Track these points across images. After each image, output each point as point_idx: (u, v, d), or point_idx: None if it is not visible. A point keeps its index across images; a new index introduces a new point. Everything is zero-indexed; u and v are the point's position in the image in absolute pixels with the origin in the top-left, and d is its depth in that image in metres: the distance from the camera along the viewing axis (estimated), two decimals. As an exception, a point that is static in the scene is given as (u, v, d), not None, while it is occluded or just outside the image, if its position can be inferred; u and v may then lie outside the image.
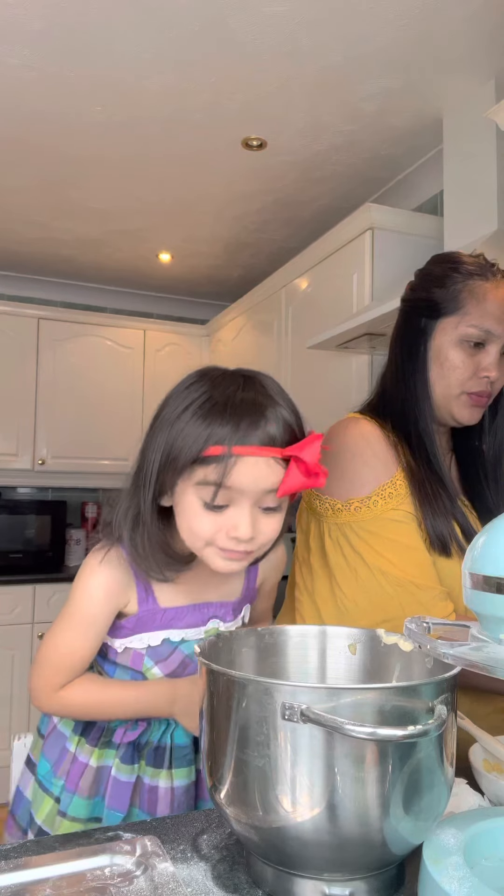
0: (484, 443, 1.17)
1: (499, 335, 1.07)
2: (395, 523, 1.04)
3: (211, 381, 0.83)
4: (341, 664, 0.80)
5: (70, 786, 0.95)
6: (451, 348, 1.08)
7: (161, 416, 0.85)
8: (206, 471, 0.79)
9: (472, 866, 0.58)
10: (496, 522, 0.63)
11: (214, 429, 0.78)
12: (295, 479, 0.81)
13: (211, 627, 0.97)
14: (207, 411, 0.79)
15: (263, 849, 0.61)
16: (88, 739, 0.96)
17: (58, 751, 0.98)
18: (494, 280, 1.09)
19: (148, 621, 0.93)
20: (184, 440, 0.80)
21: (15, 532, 3.52)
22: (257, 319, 3.28)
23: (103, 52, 1.98)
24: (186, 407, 0.81)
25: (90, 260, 3.67)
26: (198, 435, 0.79)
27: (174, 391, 0.86)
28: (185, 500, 0.83)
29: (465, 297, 1.08)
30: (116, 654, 0.96)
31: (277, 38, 1.90)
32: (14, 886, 0.61)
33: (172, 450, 0.81)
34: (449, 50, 1.96)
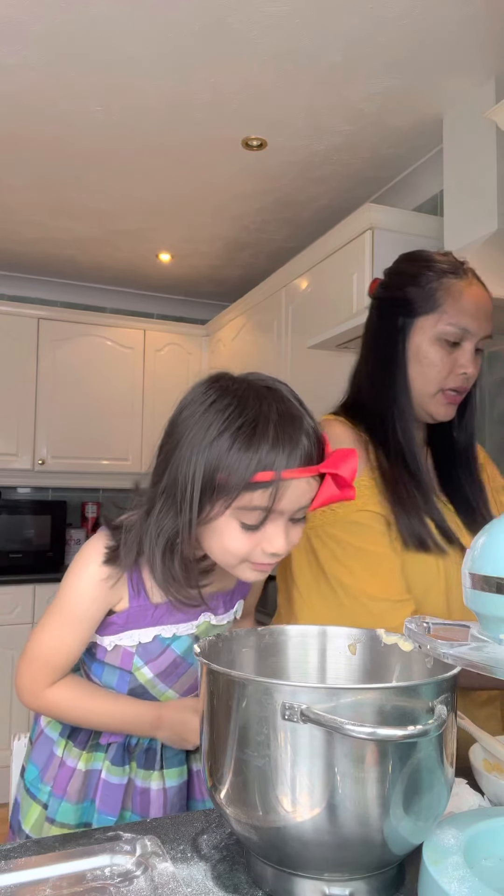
0: (456, 436, 1.19)
1: (475, 332, 1.09)
2: (360, 526, 1.04)
3: (238, 398, 0.80)
4: (341, 664, 0.80)
5: (58, 791, 0.94)
6: (430, 346, 1.09)
7: (189, 436, 0.81)
8: (253, 496, 0.78)
9: (472, 866, 0.58)
10: (496, 523, 0.63)
11: (262, 455, 0.77)
12: (329, 492, 0.81)
13: (203, 622, 0.96)
14: (250, 435, 0.77)
15: (263, 849, 0.61)
16: (76, 743, 0.96)
17: (45, 756, 0.98)
18: (467, 278, 1.11)
19: (139, 618, 0.92)
20: (230, 466, 0.77)
21: (15, 532, 3.52)
22: (257, 319, 3.28)
23: (103, 52, 1.98)
24: (223, 429, 0.78)
25: (90, 260, 3.67)
26: (247, 461, 0.76)
27: (194, 407, 0.82)
28: (223, 522, 0.81)
29: (442, 295, 1.09)
30: (105, 652, 0.94)
31: (277, 38, 1.90)
32: (14, 886, 0.61)
33: (217, 475, 0.78)
34: (449, 50, 1.96)
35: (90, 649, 0.96)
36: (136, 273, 3.85)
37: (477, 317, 1.09)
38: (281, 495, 0.78)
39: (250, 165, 2.61)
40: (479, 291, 1.11)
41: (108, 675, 0.96)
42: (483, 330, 1.09)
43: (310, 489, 0.81)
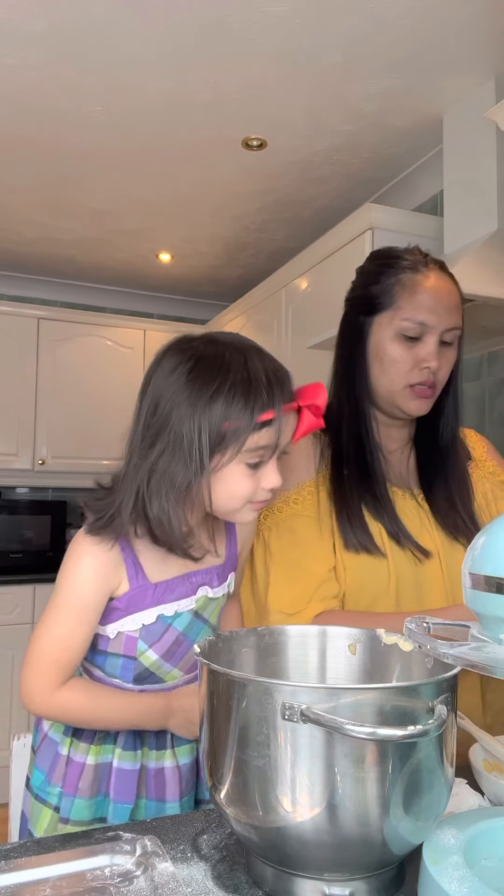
0: (440, 430, 1.18)
1: (434, 325, 1.07)
2: (292, 533, 1.07)
3: (221, 356, 0.87)
4: (341, 664, 0.80)
5: (69, 790, 0.94)
6: (389, 343, 1.09)
7: (184, 397, 0.86)
8: (259, 437, 0.85)
9: (472, 866, 0.58)
10: (496, 523, 0.63)
11: (263, 398, 0.84)
12: (309, 421, 0.90)
13: (201, 596, 0.96)
14: (247, 384, 0.84)
15: (263, 849, 0.61)
16: (82, 738, 0.95)
17: (50, 758, 0.97)
18: (425, 272, 1.10)
19: (140, 599, 0.92)
20: (235, 416, 0.84)
21: (15, 532, 3.52)
22: (257, 319, 3.28)
23: (103, 52, 1.98)
24: (220, 384, 0.84)
25: (90, 260, 3.67)
26: (250, 407, 0.84)
27: (179, 372, 0.87)
28: (230, 468, 0.87)
29: (398, 291, 1.09)
30: (108, 641, 0.94)
31: (277, 38, 1.90)
32: (14, 886, 0.61)
33: (223, 426, 0.84)
34: (449, 50, 1.96)
35: (92, 641, 0.96)
36: (136, 273, 3.85)
37: (435, 310, 1.07)
38: (282, 431, 0.87)
39: (250, 165, 2.61)
40: (438, 284, 1.09)
41: (112, 665, 0.95)
42: (444, 323, 1.07)
43: (294, 423, 0.90)
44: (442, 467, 1.17)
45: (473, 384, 2.41)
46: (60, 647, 0.91)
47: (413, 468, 1.19)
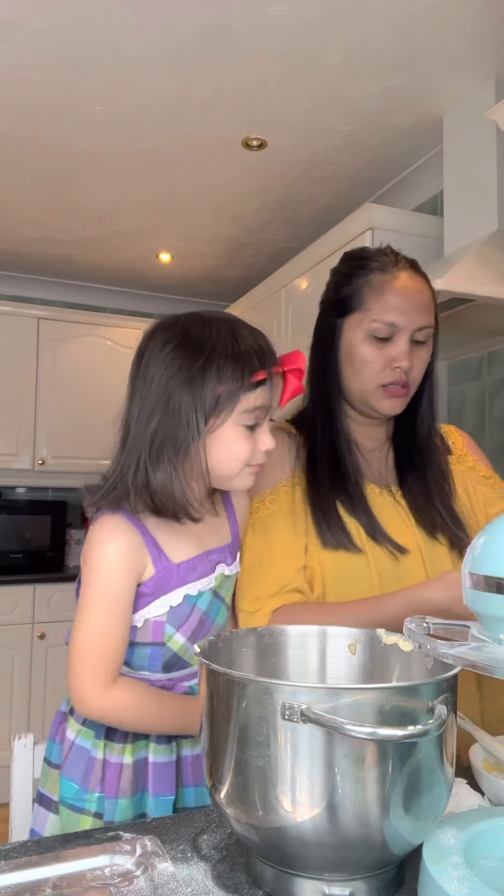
0: (417, 429, 1.19)
1: (403, 326, 1.08)
2: (265, 531, 1.09)
3: (211, 325, 0.92)
4: (341, 664, 0.80)
5: (110, 793, 0.92)
6: (359, 344, 1.10)
7: (175, 368, 0.90)
8: (253, 397, 0.90)
9: (472, 866, 0.58)
10: (496, 523, 0.63)
11: (252, 360, 0.90)
12: (292, 386, 0.96)
13: (219, 574, 0.99)
14: (240, 348, 0.90)
15: (263, 849, 0.61)
16: (116, 739, 0.94)
17: (82, 766, 0.94)
18: (394, 272, 1.10)
19: (165, 581, 0.93)
20: (228, 377, 0.89)
21: (15, 532, 3.52)
22: (257, 319, 3.27)
23: (103, 52, 1.98)
24: (210, 351, 0.90)
25: (90, 260, 3.67)
26: (240, 368, 0.89)
27: (170, 346, 0.91)
28: (228, 431, 0.91)
29: (367, 292, 1.10)
30: (135, 632, 0.93)
31: (277, 38, 1.90)
32: (14, 886, 0.61)
33: (217, 388, 0.89)
34: (449, 50, 1.96)
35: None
36: (136, 273, 3.85)
37: (404, 310, 1.07)
38: (273, 392, 0.92)
39: (250, 165, 2.61)
40: (407, 284, 1.09)
41: (139, 657, 0.95)
42: (414, 322, 1.08)
43: (280, 388, 0.95)
44: (420, 464, 1.17)
45: (473, 384, 2.41)
46: (101, 642, 0.90)
47: (392, 466, 1.20)
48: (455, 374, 2.50)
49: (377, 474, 1.18)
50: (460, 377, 2.47)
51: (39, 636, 3.28)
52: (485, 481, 1.21)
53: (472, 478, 1.22)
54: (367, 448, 1.19)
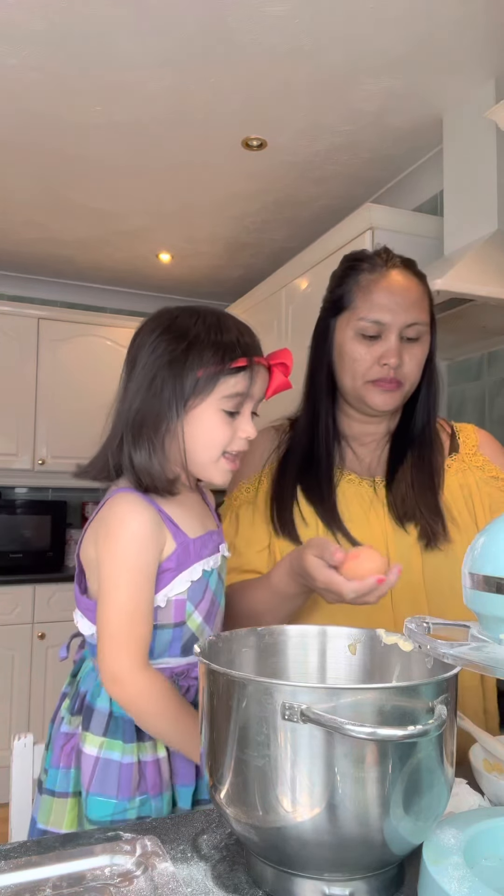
0: (412, 425, 1.20)
1: (390, 323, 1.10)
2: (237, 520, 1.17)
3: (197, 315, 0.96)
4: (341, 664, 0.80)
5: (154, 790, 0.91)
6: (349, 343, 1.13)
7: (164, 356, 0.94)
8: (234, 381, 0.93)
9: (472, 866, 0.58)
10: (496, 523, 0.63)
11: (235, 347, 0.93)
12: (278, 381, 0.98)
13: (221, 554, 1.02)
14: (223, 337, 0.93)
15: (263, 849, 0.61)
16: (146, 738, 0.92)
17: (114, 778, 0.90)
18: (382, 271, 1.13)
19: (185, 555, 0.94)
20: (210, 359, 0.92)
21: (15, 532, 3.51)
22: (257, 319, 3.27)
23: (103, 53, 1.98)
24: (195, 335, 0.93)
25: (90, 260, 3.67)
26: (221, 352, 0.92)
27: (157, 332, 0.95)
28: (206, 416, 0.94)
29: (355, 291, 1.13)
30: (158, 612, 0.92)
31: (277, 38, 1.90)
32: (14, 886, 0.61)
33: (199, 369, 0.92)
34: (449, 50, 1.96)
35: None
36: (136, 273, 3.85)
37: (391, 308, 1.09)
38: (254, 381, 0.94)
39: (250, 165, 2.61)
40: (395, 282, 1.11)
41: (161, 641, 0.93)
42: (402, 319, 1.10)
43: (266, 380, 0.98)
44: (409, 458, 1.18)
45: (473, 384, 2.41)
46: (130, 619, 0.88)
47: (385, 460, 1.21)
48: (455, 374, 2.50)
49: (366, 467, 1.20)
50: (460, 377, 2.47)
51: (39, 636, 3.28)
52: (493, 482, 1.20)
53: (478, 477, 1.20)
54: (361, 442, 1.21)
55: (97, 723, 0.92)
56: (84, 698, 0.95)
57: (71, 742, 0.94)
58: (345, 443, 1.20)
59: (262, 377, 0.97)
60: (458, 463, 1.21)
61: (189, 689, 0.96)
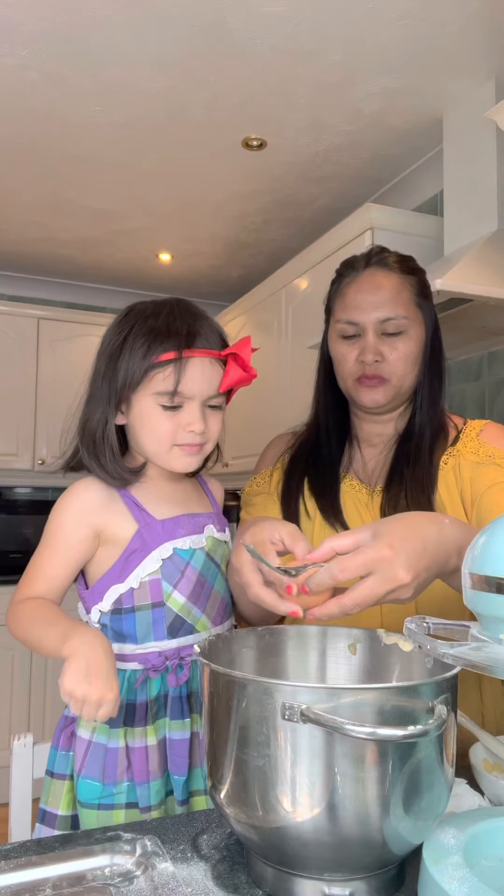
0: (414, 424, 1.20)
1: (362, 321, 1.12)
2: (253, 506, 1.20)
3: (147, 307, 0.96)
4: (341, 664, 0.80)
5: (140, 778, 0.92)
6: (333, 344, 1.18)
7: (105, 348, 0.97)
8: (164, 374, 0.91)
9: (472, 866, 0.58)
10: (496, 523, 0.63)
11: (165, 338, 0.92)
12: (234, 374, 0.95)
13: (209, 535, 1.02)
14: (153, 327, 0.92)
15: (263, 849, 0.61)
16: (136, 723, 0.94)
17: (100, 761, 0.93)
18: (355, 273, 1.16)
19: (151, 536, 0.96)
20: (137, 354, 0.92)
21: (15, 532, 3.51)
22: (257, 319, 3.28)
23: (103, 52, 1.98)
24: (131, 329, 0.94)
25: (90, 260, 3.67)
26: (150, 346, 0.91)
27: (109, 328, 0.98)
28: (145, 409, 0.94)
29: (334, 295, 1.19)
30: (132, 594, 0.94)
31: (277, 38, 1.90)
32: (14, 886, 0.61)
33: (130, 366, 0.93)
34: (449, 50, 1.96)
35: (117, 605, 0.95)
36: (136, 273, 3.85)
37: (362, 307, 1.11)
38: (185, 376, 0.91)
39: (250, 165, 2.61)
40: (369, 281, 1.13)
41: (142, 622, 0.95)
42: (374, 316, 1.11)
43: (214, 373, 0.95)
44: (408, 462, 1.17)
45: (473, 384, 2.41)
46: (33, 573, 0.98)
47: (388, 464, 1.19)
48: (455, 374, 2.50)
49: (369, 471, 1.19)
50: (460, 377, 2.47)
51: (39, 636, 3.28)
52: (488, 461, 1.12)
53: (471, 461, 1.14)
54: (369, 443, 1.21)
55: None
56: None
57: (71, 726, 0.98)
58: (355, 443, 1.22)
59: (205, 371, 0.93)
60: (454, 458, 1.18)
61: (182, 669, 0.96)
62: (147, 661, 0.96)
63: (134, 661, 0.96)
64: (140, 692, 0.95)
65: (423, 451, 1.17)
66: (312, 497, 1.16)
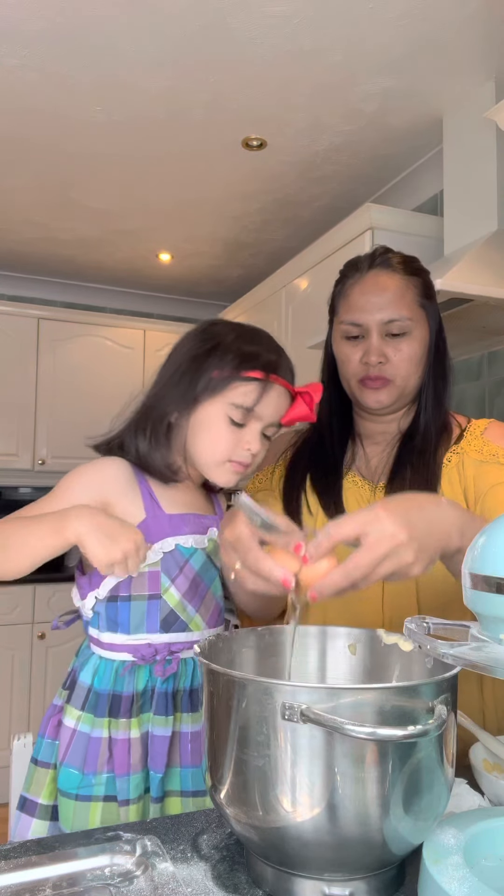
0: (418, 423, 1.20)
1: (366, 322, 1.11)
2: (258, 502, 1.15)
3: (235, 327, 1.02)
4: (341, 664, 0.80)
5: (121, 770, 0.93)
6: (338, 344, 1.17)
7: (189, 349, 1.00)
8: (246, 390, 0.95)
9: (472, 866, 0.58)
10: (496, 523, 0.63)
11: (256, 359, 0.96)
12: (300, 410, 1.00)
13: (211, 538, 1.03)
14: (248, 346, 0.97)
15: (263, 849, 0.61)
16: (121, 714, 0.95)
17: (82, 750, 0.94)
18: (360, 275, 1.15)
19: (157, 527, 0.98)
20: (228, 363, 0.95)
21: (15, 532, 3.51)
22: (257, 319, 3.28)
23: (103, 52, 1.98)
24: (221, 341, 0.97)
25: (90, 260, 3.67)
26: (242, 361, 0.95)
27: (190, 334, 1.03)
28: (213, 417, 0.97)
29: (339, 297, 1.18)
30: (130, 582, 0.96)
31: (277, 38, 1.90)
32: (14, 886, 0.61)
33: (218, 370, 0.96)
34: (449, 50, 1.96)
35: (113, 592, 0.97)
36: (136, 273, 3.85)
37: (366, 309, 1.11)
38: (264, 398, 0.96)
39: (250, 165, 2.61)
40: (373, 282, 1.13)
41: (137, 612, 0.96)
42: (378, 317, 1.11)
43: (283, 405, 0.99)
44: (411, 459, 1.17)
45: (473, 384, 2.41)
46: (26, 513, 0.96)
47: (391, 462, 1.19)
48: (455, 374, 2.50)
49: (371, 468, 1.19)
50: (460, 377, 2.47)
51: (39, 636, 3.28)
52: (491, 459, 1.13)
53: (475, 459, 1.15)
54: (373, 441, 1.21)
55: (78, 696, 0.97)
56: (75, 673, 0.99)
57: (58, 715, 0.99)
58: (358, 441, 1.22)
59: (279, 400, 0.98)
60: (458, 456, 1.18)
61: (170, 663, 0.97)
62: (137, 651, 0.97)
63: (124, 651, 0.97)
64: (127, 683, 0.96)
65: (427, 449, 1.17)
66: (315, 493, 1.16)
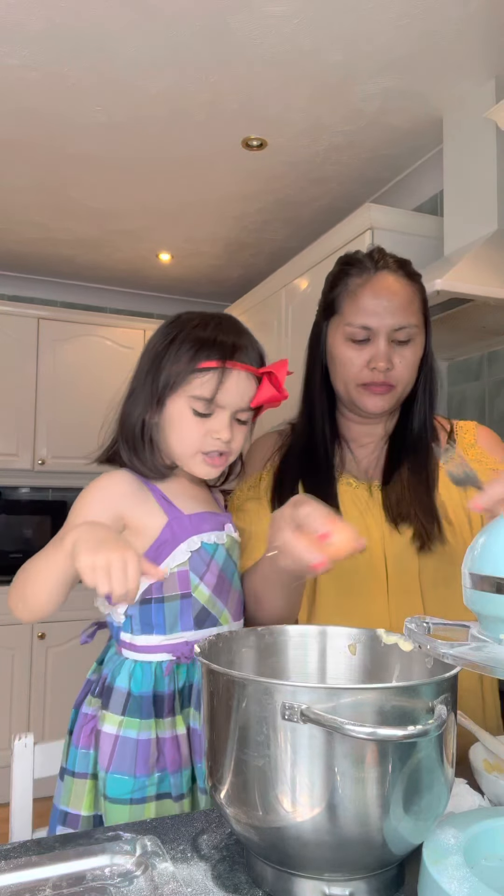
0: (410, 426, 1.19)
1: (376, 327, 1.09)
2: (244, 512, 1.17)
3: (195, 317, 1.00)
4: (341, 664, 0.80)
5: (173, 767, 0.92)
6: (339, 346, 1.13)
7: (150, 348, 1.00)
8: (203, 381, 0.94)
9: (472, 866, 0.58)
10: (496, 523, 0.63)
11: (210, 347, 0.95)
12: (267, 391, 0.98)
13: (228, 535, 1.04)
14: (201, 334, 0.96)
15: (263, 849, 0.61)
16: (165, 714, 0.94)
17: (130, 755, 0.92)
18: (369, 276, 1.12)
19: (181, 528, 0.98)
20: (183, 357, 0.95)
21: (15, 532, 3.51)
22: (257, 319, 3.27)
23: (103, 52, 1.98)
24: (178, 333, 0.97)
25: (90, 260, 3.67)
26: (196, 352, 0.95)
27: (157, 331, 1.02)
28: (178, 412, 0.97)
29: (344, 296, 1.13)
30: (161, 585, 0.95)
31: (277, 38, 1.90)
32: (14, 886, 0.61)
33: (174, 367, 0.96)
34: (449, 50, 1.96)
35: (146, 595, 0.96)
36: (136, 273, 3.85)
37: (377, 312, 1.09)
38: (223, 386, 0.95)
39: (250, 165, 2.61)
40: (383, 285, 1.10)
41: (171, 613, 0.96)
42: (389, 323, 1.09)
43: (249, 388, 0.98)
44: (406, 460, 1.17)
45: (473, 384, 2.41)
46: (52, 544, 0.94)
47: (382, 462, 1.20)
48: (455, 374, 2.50)
49: (363, 470, 1.20)
50: (460, 377, 2.47)
51: (39, 636, 3.28)
52: (490, 473, 1.17)
53: (478, 470, 1.19)
54: (359, 444, 1.21)
55: (116, 702, 0.95)
56: (105, 680, 0.98)
57: (91, 723, 0.97)
58: (344, 444, 1.21)
59: (241, 384, 0.97)
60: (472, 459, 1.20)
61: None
62: (176, 650, 0.96)
63: (162, 652, 0.97)
64: (169, 683, 0.96)
65: (422, 454, 1.17)
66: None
